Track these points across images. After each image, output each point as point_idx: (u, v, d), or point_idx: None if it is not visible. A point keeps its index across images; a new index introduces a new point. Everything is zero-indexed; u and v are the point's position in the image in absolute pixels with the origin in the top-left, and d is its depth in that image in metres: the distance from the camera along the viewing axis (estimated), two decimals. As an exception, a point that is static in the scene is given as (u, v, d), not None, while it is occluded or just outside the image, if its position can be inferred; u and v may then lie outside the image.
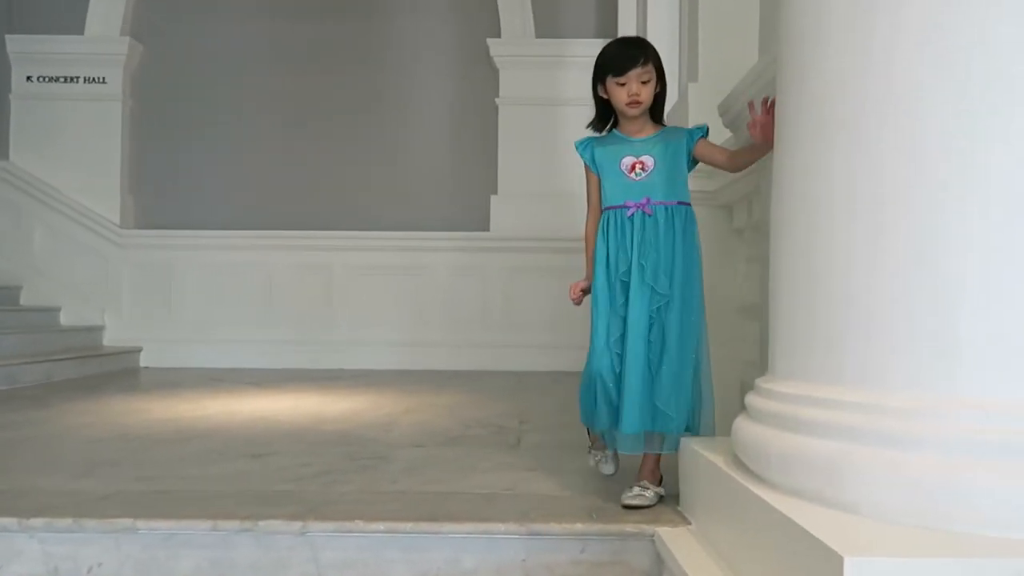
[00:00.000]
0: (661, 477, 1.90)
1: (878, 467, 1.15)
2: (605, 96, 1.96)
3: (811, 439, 1.26)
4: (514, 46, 5.78)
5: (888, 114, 1.21)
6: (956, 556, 0.99)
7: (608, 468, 2.03)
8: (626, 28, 5.22)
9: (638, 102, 1.90)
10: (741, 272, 2.47)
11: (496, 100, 5.79)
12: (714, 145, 1.98)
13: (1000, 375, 1.12)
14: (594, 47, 5.81)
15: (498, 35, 5.79)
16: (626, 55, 1.90)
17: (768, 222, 1.60)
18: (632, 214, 1.90)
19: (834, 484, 1.20)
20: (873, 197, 1.22)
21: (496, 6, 5.81)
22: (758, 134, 1.78)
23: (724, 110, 2.32)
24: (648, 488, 1.85)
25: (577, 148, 2.03)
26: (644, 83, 1.89)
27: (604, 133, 2.03)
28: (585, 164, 2.01)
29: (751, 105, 1.83)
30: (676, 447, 1.85)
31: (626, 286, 1.89)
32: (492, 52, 5.78)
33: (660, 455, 1.90)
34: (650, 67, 1.90)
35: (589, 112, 1.95)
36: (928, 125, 1.18)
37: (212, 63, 5.87)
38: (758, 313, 2.16)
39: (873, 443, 1.17)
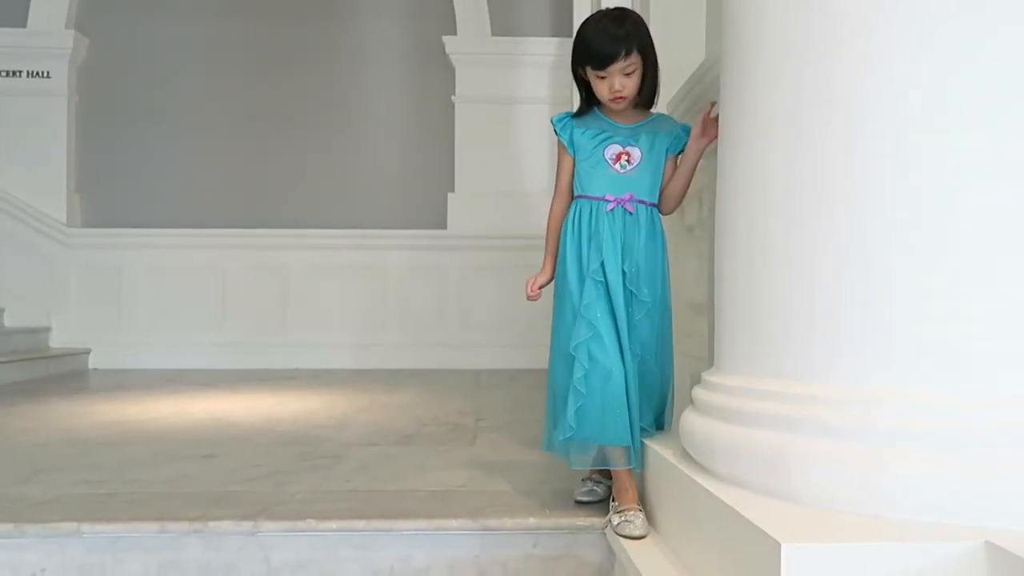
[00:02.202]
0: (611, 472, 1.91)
1: (817, 457, 1.19)
2: (587, 78, 1.75)
3: (754, 430, 1.29)
4: (470, 44, 5.77)
5: (824, 115, 1.25)
6: (888, 541, 1.03)
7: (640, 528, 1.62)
8: (581, 27, 5.27)
9: (622, 97, 1.70)
10: (693, 269, 2.51)
11: (452, 98, 5.77)
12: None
13: (929, 369, 1.16)
14: (550, 46, 5.90)
15: (454, 33, 5.78)
16: (606, 46, 1.66)
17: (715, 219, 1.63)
18: (612, 208, 1.72)
19: (775, 474, 1.23)
20: (810, 197, 1.26)
21: (452, 4, 5.79)
22: (704, 141, 1.79)
23: (673, 107, 2.35)
24: (600, 483, 1.86)
25: (555, 125, 1.81)
26: (628, 75, 1.68)
27: (585, 111, 1.80)
28: (561, 143, 1.80)
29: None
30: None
31: (599, 285, 1.71)
32: (448, 50, 5.76)
33: None
34: (634, 57, 1.67)
35: (545, 110, 1.92)
36: (864, 128, 1.21)
37: (162, 58, 5.75)
38: (707, 309, 2.20)
39: (812, 433, 1.20)
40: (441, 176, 5.76)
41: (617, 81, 1.68)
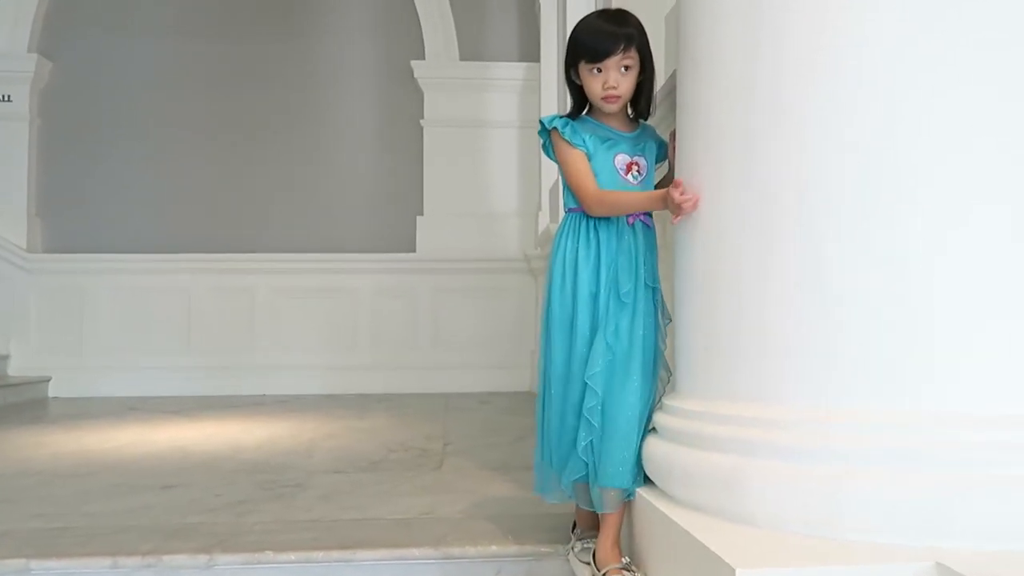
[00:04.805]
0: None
1: (772, 479, 1.19)
2: (579, 82, 1.62)
3: (711, 453, 1.29)
4: (438, 68, 5.80)
5: (773, 133, 1.27)
6: (841, 564, 1.03)
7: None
8: (548, 51, 5.33)
9: (616, 96, 1.57)
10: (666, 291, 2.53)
11: (421, 121, 5.79)
12: None
13: (880, 389, 1.17)
14: (518, 70, 5.95)
15: (422, 57, 5.81)
16: (605, 37, 1.55)
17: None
18: (633, 223, 1.59)
19: (733, 497, 1.24)
20: (761, 222, 1.27)
21: (420, 28, 5.83)
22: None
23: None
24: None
25: (554, 123, 1.61)
26: (624, 73, 1.57)
27: (577, 117, 1.65)
28: (565, 140, 1.59)
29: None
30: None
31: (626, 308, 1.54)
32: (416, 74, 5.79)
33: None
34: (633, 52, 1.56)
35: (513, 134, 1.79)
36: (813, 150, 1.24)
37: (125, 81, 5.70)
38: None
39: (767, 456, 1.21)
40: (410, 199, 5.76)
41: (612, 76, 1.55)
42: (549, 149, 1.67)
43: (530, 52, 5.66)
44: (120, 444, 3.27)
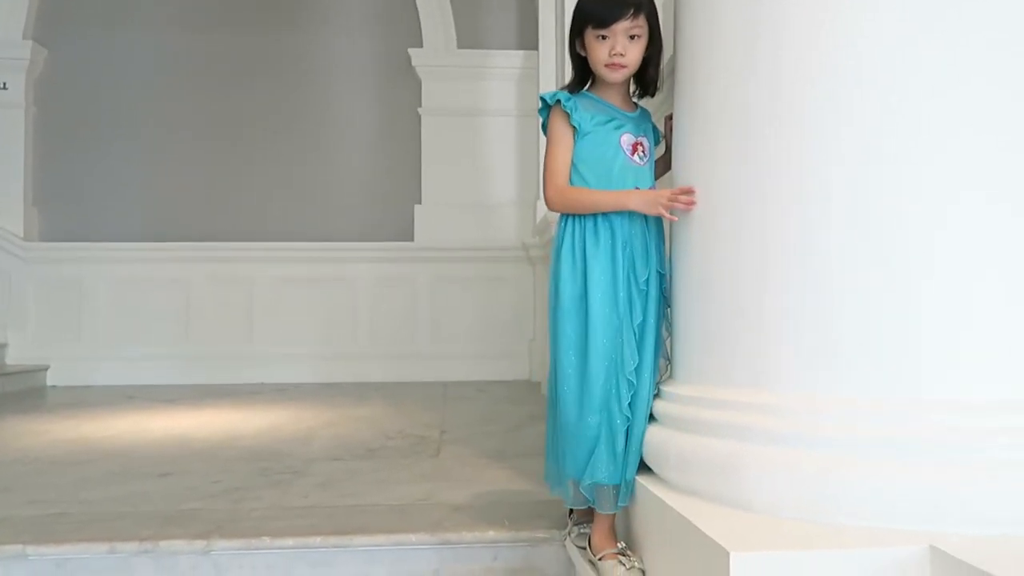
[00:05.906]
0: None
1: (768, 465, 1.20)
2: (584, 53, 1.54)
3: (707, 439, 1.29)
4: (436, 56, 5.77)
5: (771, 130, 1.26)
6: (835, 548, 1.04)
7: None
8: (547, 39, 5.30)
9: (621, 65, 1.50)
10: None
11: (419, 110, 5.77)
12: None
13: (874, 376, 1.17)
14: (516, 59, 5.92)
15: (420, 45, 5.78)
16: (614, 3, 1.47)
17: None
18: None
19: (729, 482, 1.24)
20: (758, 209, 1.27)
21: (418, 16, 5.80)
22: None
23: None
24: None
25: (557, 96, 1.53)
26: (632, 39, 1.49)
27: (576, 91, 1.57)
28: (565, 112, 1.51)
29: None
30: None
31: (644, 295, 1.50)
32: (414, 62, 5.76)
33: None
34: (642, 20, 1.49)
35: (512, 122, 1.72)
36: (810, 141, 1.23)
37: (123, 70, 5.67)
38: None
39: (763, 442, 1.21)
40: (408, 188, 5.74)
41: (620, 42, 1.48)
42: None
43: (528, 40, 5.63)
44: (118, 432, 3.27)
